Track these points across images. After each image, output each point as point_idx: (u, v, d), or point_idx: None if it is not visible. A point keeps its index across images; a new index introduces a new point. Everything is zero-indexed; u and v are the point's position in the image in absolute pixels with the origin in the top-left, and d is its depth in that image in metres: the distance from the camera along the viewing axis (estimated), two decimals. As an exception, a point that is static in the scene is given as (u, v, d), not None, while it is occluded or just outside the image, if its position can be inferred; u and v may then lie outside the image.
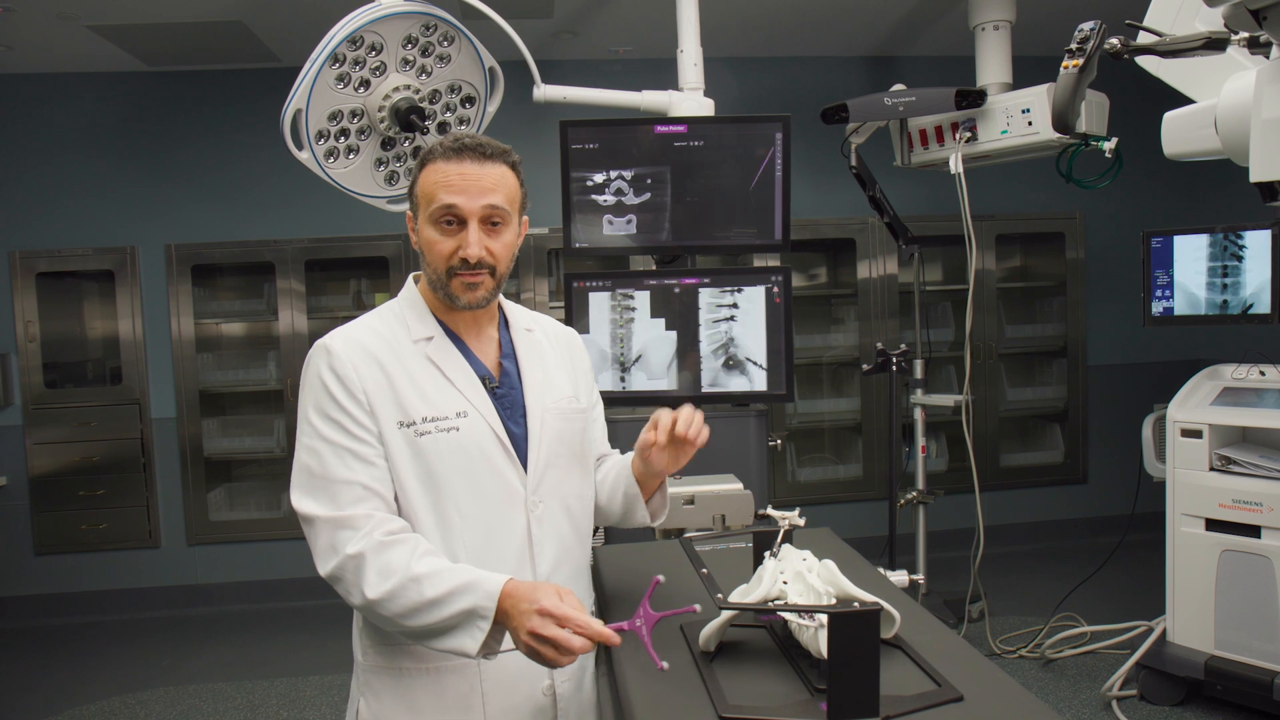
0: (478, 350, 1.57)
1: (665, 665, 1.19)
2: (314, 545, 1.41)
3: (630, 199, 3.01)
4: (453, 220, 1.46)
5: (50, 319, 4.89)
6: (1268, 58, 1.79)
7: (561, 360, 1.66)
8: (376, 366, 1.46)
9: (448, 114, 3.13)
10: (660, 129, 3.01)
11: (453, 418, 1.47)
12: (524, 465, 1.52)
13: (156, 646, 4.48)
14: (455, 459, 1.46)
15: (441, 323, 1.55)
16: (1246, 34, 1.64)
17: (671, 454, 1.55)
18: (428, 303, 1.56)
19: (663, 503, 1.70)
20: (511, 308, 1.66)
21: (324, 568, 1.39)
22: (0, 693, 3.99)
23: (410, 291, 1.58)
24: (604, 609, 1.64)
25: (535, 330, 1.67)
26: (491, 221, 1.48)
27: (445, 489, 1.45)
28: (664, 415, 1.51)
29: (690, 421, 1.51)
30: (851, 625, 1.09)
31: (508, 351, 1.61)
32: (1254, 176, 1.84)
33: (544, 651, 1.23)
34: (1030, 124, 3.68)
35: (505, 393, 1.55)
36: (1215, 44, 1.66)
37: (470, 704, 1.47)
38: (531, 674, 1.48)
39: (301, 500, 1.42)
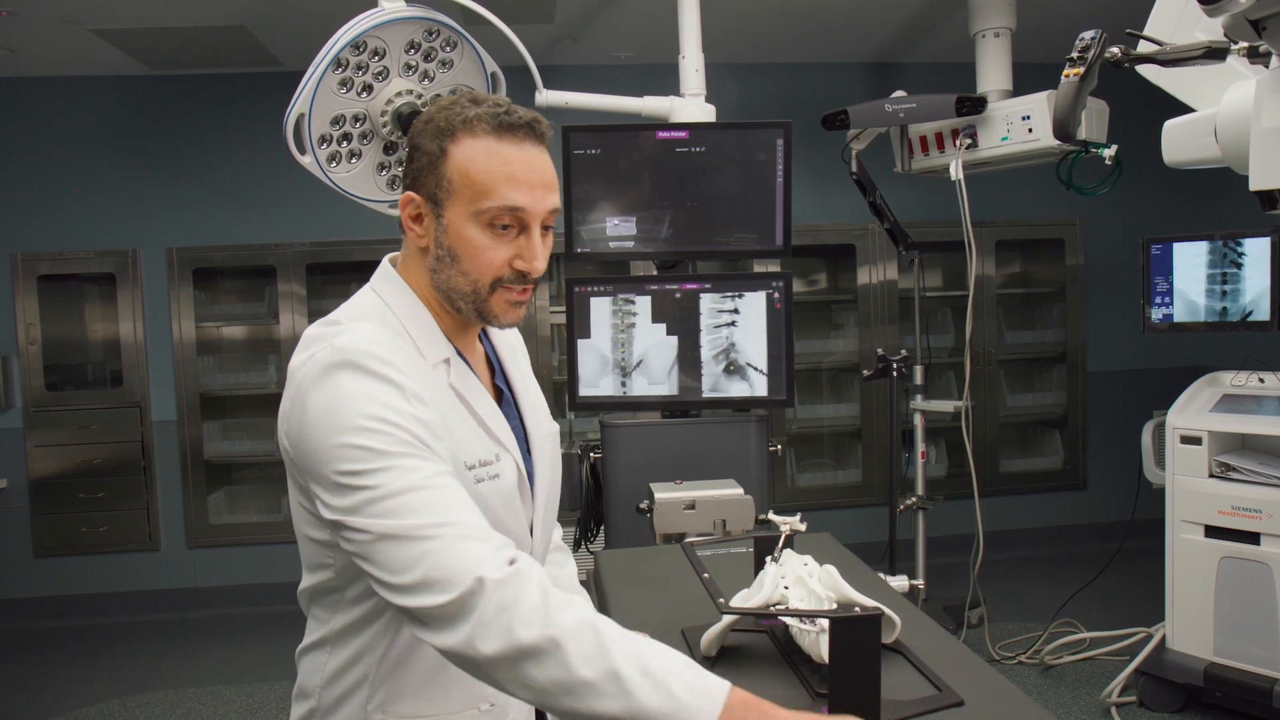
0: (476, 370, 1.30)
1: None
2: (410, 568, 1.01)
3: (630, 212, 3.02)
4: (511, 224, 1.17)
5: (51, 321, 4.90)
6: (1267, 67, 1.80)
7: (528, 369, 1.43)
8: (424, 387, 1.15)
9: (450, 119, 3.13)
10: (662, 135, 3.02)
11: (494, 461, 1.22)
12: (534, 505, 1.31)
13: (156, 649, 4.47)
14: (496, 511, 1.20)
15: (446, 339, 1.25)
16: (1246, 44, 1.65)
17: None
18: (429, 310, 1.24)
19: None
20: None
21: (436, 595, 0.99)
22: (0, 695, 4.00)
23: (403, 294, 1.24)
24: (605, 611, 1.64)
25: (505, 333, 1.42)
26: (545, 225, 1.20)
27: None
28: None
29: None
30: (853, 630, 1.09)
31: (497, 369, 1.37)
32: (1254, 185, 1.85)
33: None
34: (1031, 131, 3.69)
35: (512, 424, 1.30)
36: (1215, 53, 1.67)
37: None
38: None
39: (375, 521, 1.03)
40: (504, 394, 1.34)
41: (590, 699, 0.95)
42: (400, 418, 1.08)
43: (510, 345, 1.42)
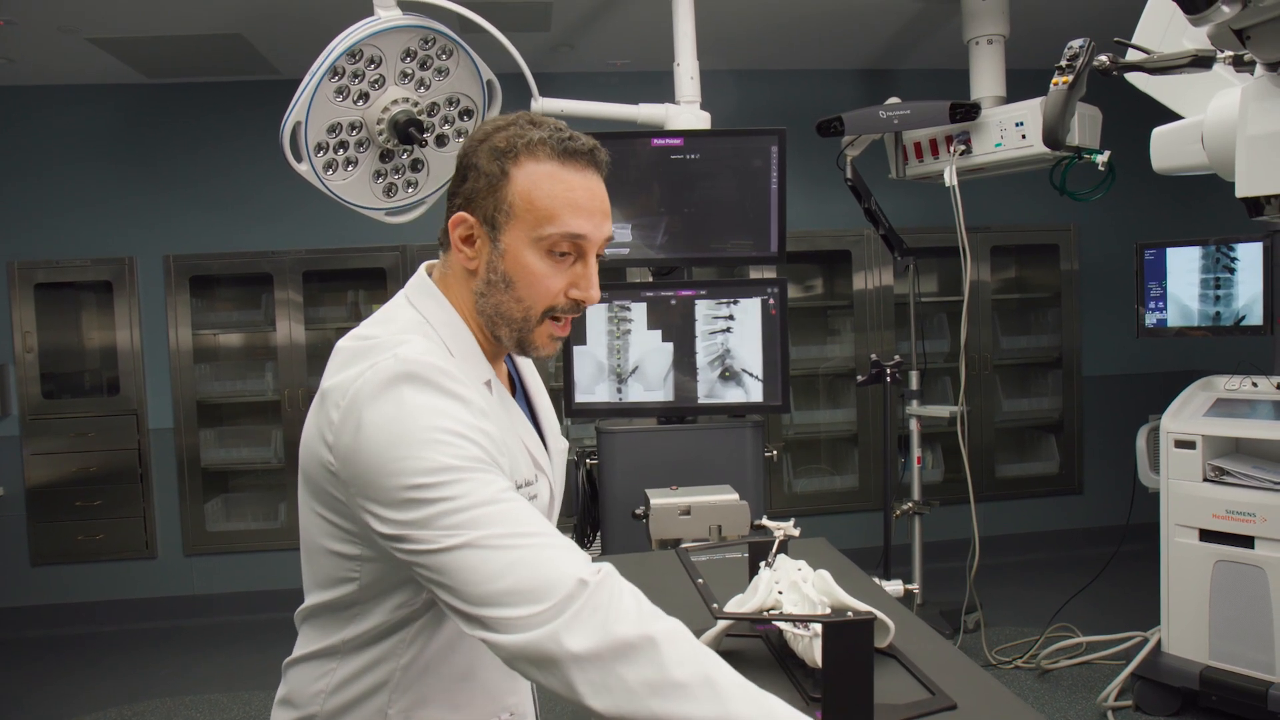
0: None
1: None
2: (497, 577, 0.98)
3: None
4: (569, 251, 1.15)
5: (48, 329, 4.90)
6: (1252, 75, 1.82)
7: (542, 387, 1.41)
8: (480, 407, 1.11)
9: (446, 126, 3.15)
10: (657, 142, 3.03)
11: (535, 482, 1.21)
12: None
13: (153, 657, 4.47)
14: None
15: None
16: (1231, 52, 1.66)
17: None
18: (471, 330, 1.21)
19: None
20: None
21: (529, 604, 0.97)
22: (-4, 704, 3.99)
23: (446, 312, 1.19)
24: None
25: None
26: (598, 254, 1.18)
27: None
28: None
29: None
30: (845, 634, 1.10)
31: (518, 388, 1.35)
32: (1240, 192, 1.86)
33: None
34: (1024, 137, 3.71)
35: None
36: (1201, 62, 1.69)
37: None
38: None
39: (451, 535, 1.00)
40: (527, 414, 1.33)
41: (682, 701, 0.93)
42: (471, 432, 1.05)
43: (528, 364, 1.40)
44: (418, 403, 1.05)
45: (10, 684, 4.22)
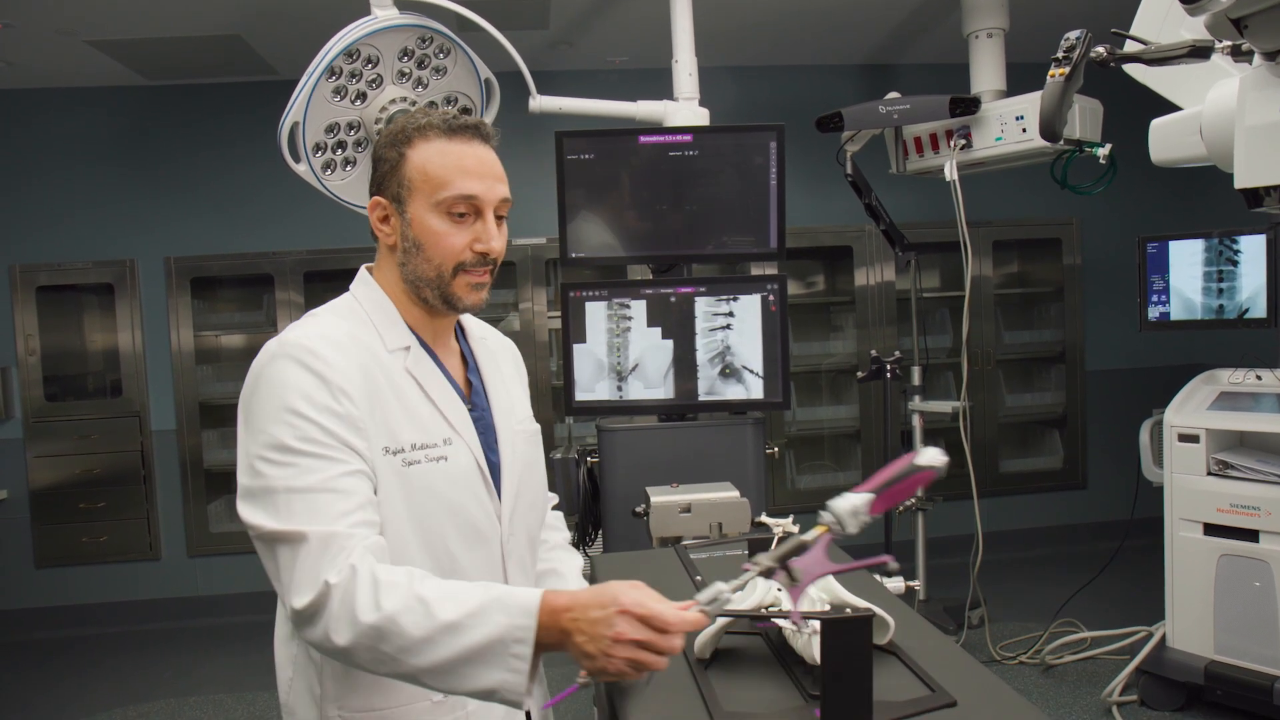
0: (446, 363, 1.40)
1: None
2: (286, 571, 1.15)
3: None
4: (467, 212, 1.30)
5: (50, 332, 4.91)
6: (1250, 65, 1.81)
7: (513, 374, 1.53)
8: (362, 377, 1.25)
9: (444, 126, 3.14)
10: (655, 139, 3.02)
11: (440, 445, 1.30)
12: (499, 496, 1.38)
13: (158, 658, 4.48)
14: (443, 492, 1.29)
15: (411, 330, 1.36)
16: (1230, 42, 1.65)
17: None
18: (396, 305, 1.36)
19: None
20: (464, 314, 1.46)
21: (300, 598, 1.12)
22: (1, 706, 3.99)
23: (373, 290, 1.36)
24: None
25: (489, 339, 1.53)
26: (498, 215, 1.34)
27: (432, 526, 1.28)
28: None
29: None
30: (844, 631, 1.09)
31: (471, 365, 1.45)
32: (1239, 183, 1.85)
33: (641, 658, 1.05)
34: (1024, 131, 3.69)
35: (478, 415, 1.39)
36: (1199, 52, 1.68)
37: None
38: (513, 713, 1.32)
39: (265, 517, 1.16)
40: (475, 389, 1.42)
41: (432, 651, 1.09)
42: (318, 414, 1.19)
43: (491, 350, 1.50)
44: (279, 379, 1.20)
45: (16, 686, 4.22)
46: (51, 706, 3.96)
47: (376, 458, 1.24)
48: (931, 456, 1.09)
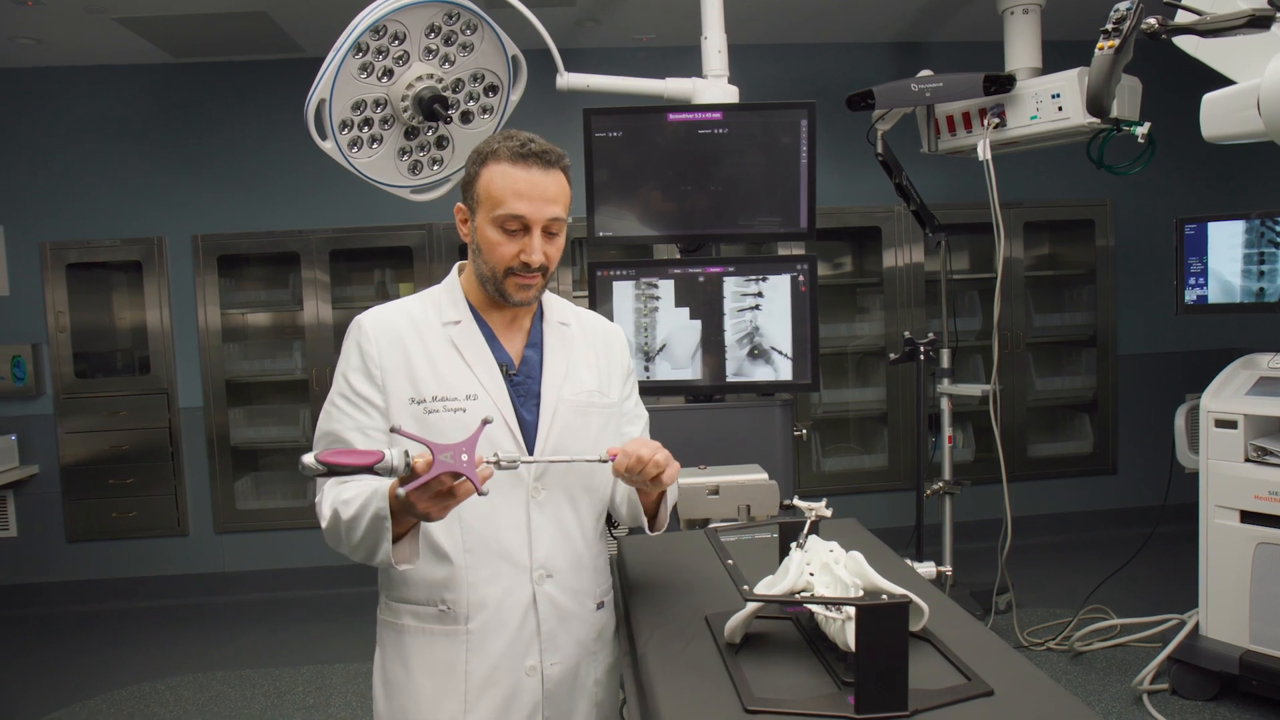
0: (504, 339, 1.63)
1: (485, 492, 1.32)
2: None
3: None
4: (517, 228, 1.53)
5: (80, 309, 4.95)
6: (1311, 37, 1.74)
7: (594, 355, 1.70)
8: (399, 345, 1.56)
9: (471, 103, 3.12)
10: (684, 116, 2.98)
11: (462, 399, 1.55)
12: (530, 452, 1.56)
13: (185, 633, 4.53)
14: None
15: (475, 310, 1.62)
16: (1290, 12, 1.59)
17: (641, 484, 1.52)
18: (466, 290, 1.63)
19: (664, 517, 1.68)
20: (551, 301, 1.70)
21: (318, 510, 1.54)
22: (33, 677, 4.06)
23: (451, 279, 1.66)
24: (628, 597, 1.63)
25: (572, 325, 1.70)
26: (549, 231, 1.56)
27: None
28: (624, 454, 1.48)
29: (641, 468, 1.47)
30: (879, 618, 1.07)
31: (534, 342, 1.65)
32: (1297, 159, 1.79)
33: (447, 503, 1.33)
34: (1060, 109, 3.62)
35: (522, 380, 1.61)
36: (1259, 22, 1.61)
37: (454, 669, 1.55)
38: (515, 651, 1.56)
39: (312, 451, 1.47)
40: (528, 361, 1.63)
41: (349, 535, 1.46)
42: (352, 375, 1.56)
43: (568, 333, 1.69)
44: (344, 348, 1.60)
45: (47, 658, 4.29)
46: (82, 678, 4.02)
47: (400, 407, 1.53)
48: None
